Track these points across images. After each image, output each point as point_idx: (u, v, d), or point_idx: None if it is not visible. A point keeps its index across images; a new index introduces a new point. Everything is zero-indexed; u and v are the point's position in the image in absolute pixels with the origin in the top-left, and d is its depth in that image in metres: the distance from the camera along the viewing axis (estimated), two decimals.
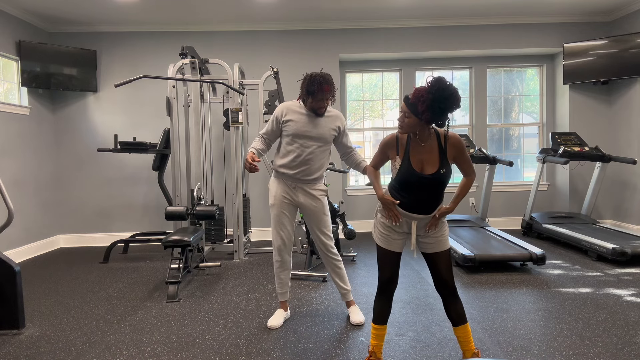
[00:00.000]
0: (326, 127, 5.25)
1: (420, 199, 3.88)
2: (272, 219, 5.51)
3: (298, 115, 5.23)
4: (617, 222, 10.74)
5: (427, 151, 3.86)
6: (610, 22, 10.79)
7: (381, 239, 4.08)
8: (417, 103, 3.66)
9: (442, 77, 3.64)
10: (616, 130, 10.70)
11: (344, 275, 5.64)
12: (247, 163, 5.02)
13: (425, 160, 3.85)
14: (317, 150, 5.25)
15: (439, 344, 4.79)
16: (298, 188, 5.37)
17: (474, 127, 11.42)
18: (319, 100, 5.07)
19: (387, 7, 9.79)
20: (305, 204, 5.40)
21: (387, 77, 11.59)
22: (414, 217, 3.94)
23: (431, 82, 3.63)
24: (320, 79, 5.01)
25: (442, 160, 3.84)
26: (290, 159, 5.27)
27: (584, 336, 4.89)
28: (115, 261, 8.92)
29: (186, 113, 8.79)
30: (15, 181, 9.12)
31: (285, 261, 5.53)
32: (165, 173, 10.09)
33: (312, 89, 5.00)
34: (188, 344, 4.93)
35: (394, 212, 3.93)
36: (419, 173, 3.81)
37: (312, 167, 5.30)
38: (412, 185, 3.84)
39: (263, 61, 10.66)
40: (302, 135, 5.19)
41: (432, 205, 3.91)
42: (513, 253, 7.51)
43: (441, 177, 3.81)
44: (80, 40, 10.47)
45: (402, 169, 3.87)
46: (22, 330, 5.42)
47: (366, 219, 11.37)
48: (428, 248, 4.04)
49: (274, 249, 5.53)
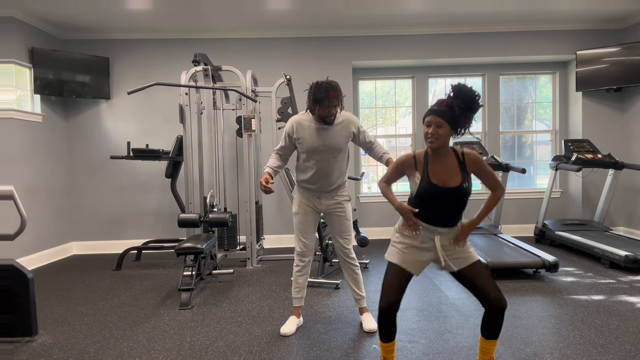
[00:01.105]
0: (339, 136, 5.23)
1: (442, 213, 3.84)
2: (295, 226, 5.54)
3: (309, 131, 5.23)
4: (630, 230, 10.69)
5: (447, 166, 3.85)
6: (623, 29, 10.76)
7: (397, 256, 3.95)
8: (449, 110, 3.70)
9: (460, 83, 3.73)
10: (629, 138, 10.66)
11: (360, 281, 5.65)
12: (261, 185, 5.10)
13: (446, 174, 3.83)
14: (334, 161, 5.27)
15: (451, 352, 4.78)
16: (322, 197, 5.42)
17: (487, 135, 11.40)
18: (327, 108, 5.02)
19: (399, 15, 9.80)
20: (329, 210, 5.45)
21: (400, 84, 11.58)
22: (437, 230, 3.88)
23: (454, 89, 3.73)
24: (327, 85, 4.97)
25: (464, 174, 3.83)
26: (310, 174, 5.31)
27: (597, 344, 4.87)
28: (128, 268, 8.93)
29: (199, 120, 8.80)
30: (29, 188, 9.15)
31: (305, 266, 5.56)
32: (177, 180, 10.13)
33: (319, 97, 4.96)
34: (201, 351, 4.93)
35: (413, 221, 3.87)
36: (441, 187, 3.78)
37: (333, 178, 5.33)
38: (433, 199, 3.81)
39: (276, 68, 10.68)
40: (316, 151, 5.20)
41: (455, 217, 3.87)
42: (526, 260, 7.49)
43: (464, 190, 3.79)
44: (93, 48, 10.51)
45: (422, 184, 3.84)
46: (35, 337, 5.44)
47: (379, 226, 11.35)
48: (458, 263, 3.91)
49: (295, 254, 5.55)
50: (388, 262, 4.03)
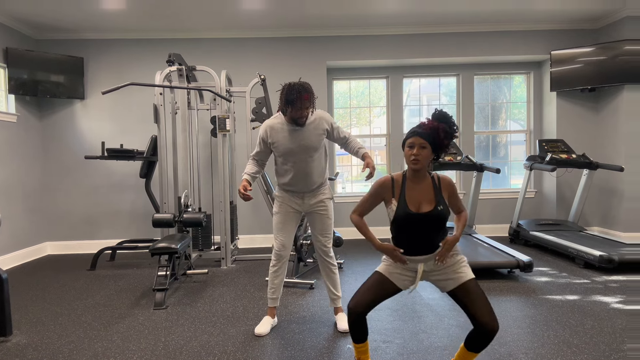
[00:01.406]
0: (313, 136, 5.23)
1: (420, 240, 3.83)
2: (274, 225, 5.53)
3: (282, 133, 5.23)
4: (605, 230, 10.77)
5: (423, 190, 3.87)
6: (597, 29, 10.84)
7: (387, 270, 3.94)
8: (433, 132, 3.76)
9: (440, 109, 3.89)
10: (603, 138, 10.73)
11: (337, 281, 5.67)
12: (240, 193, 5.10)
13: (422, 198, 3.84)
14: (310, 161, 5.26)
15: (426, 352, 4.80)
16: (305, 197, 5.43)
17: (461, 134, 11.44)
18: (299, 110, 5.01)
19: (374, 15, 9.82)
20: (311, 209, 5.46)
21: (375, 85, 11.61)
22: (419, 259, 3.88)
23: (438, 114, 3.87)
24: (299, 87, 4.95)
25: (438, 198, 3.83)
26: (289, 177, 5.32)
27: (571, 343, 4.90)
28: (102, 268, 8.90)
29: (173, 120, 8.77)
30: (3, 188, 9.09)
31: (282, 267, 5.55)
32: (152, 180, 10.10)
33: (290, 98, 4.94)
34: (175, 352, 4.92)
35: (399, 257, 3.85)
36: (416, 213, 3.79)
37: (313, 177, 5.33)
38: (410, 226, 3.81)
39: (250, 68, 10.67)
40: (292, 152, 5.20)
41: (435, 242, 3.85)
42: (500, 260, 7.53)
43: (439, 213, 3.77)
44: (68, 48, 10.46)
45: (398, 211, 3.83)
46: (9, 337, 5.40)
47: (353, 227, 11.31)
48: (449, 285, 3.85)
49: (273, 253, 5.54)
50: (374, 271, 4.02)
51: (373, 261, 8.95)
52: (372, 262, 8.86)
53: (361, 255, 9.49)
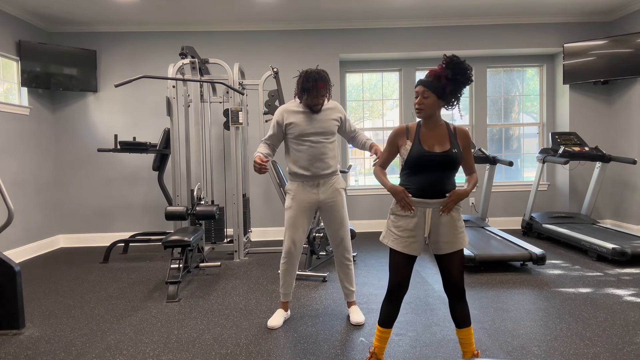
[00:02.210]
0: (327, 120, 5.28)
1: (432, 181, 3.85)
2: (285, 221, 5.47)
3: (298, 116, 5.25)
4: (617, 222, 10.74)
5: (438, 136, 3.88)
6: (610, 22, 10.79)
7: (396, 242, 3.98)
8: (436, 80, 3.77)
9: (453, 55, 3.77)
10: (616, 130, 10.70)
11: (352, 275, 5.65)
12: (255, 164, 5.04)
13: (436, 141, 3.86)
14: (326, 142, 5.29)
15: (439, 344, 4.79)
16: (320, 185, 5.39)
17: (474, 127, 11.42)
18: (314, 97, 5.08)
19: (386, 7, 9.79)
20: (325, 200, 5.41)
21: (387, 77, 11.58)
22: (428, 202, 3.89)
23: (446, 59, 3.77)
24: (316, 75, 5.01)
25: (453, 142, 3.86)
26: (304, 158, 5.29)
27: (584, 336, 4.89)
28: (115, 261, 8.92)
29: (186, 113, 8.78)
30: (16, 181, 9.12)
31: (292, 264, 5.50)
32: (165, 173, 10.10)
33: (307, 86, 5.01)
34: (188, 344, 4.93)
35: (406, 201, 3.88)
36: (431, 152, 3.81)
37: (327, 160, 5.32)
38: (423, 165, 3.83)
39: (263, 61, 10.66)
40: (308, 133, 5.22)
41: (445, 187, 3.89)
42: (513, 253, 7.51)
43: (453, 155, 3.80)
44: (80, 40, 10.47)
45: (412, 150, 3.86)
46: (22, 330, 5.42)
47: (366, 219, 11.37)
48: (443, 249, 3.96)
49: (283, 250, 5.49)
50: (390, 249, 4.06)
51: (386, 254, 8.93)
52: (386, 255, 8.85)
53: (374, 248, 9.47)
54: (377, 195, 11.29)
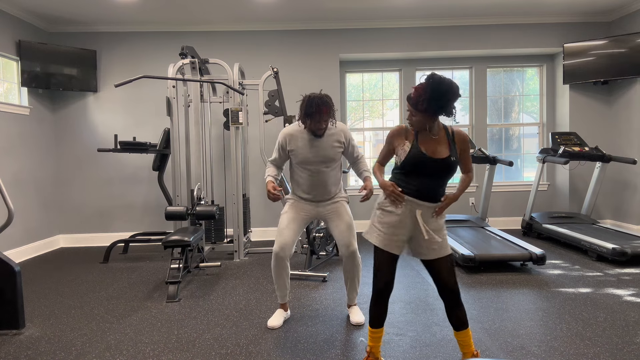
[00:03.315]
0: (330, 147, 5.25)
1: (426, 185, 3.88)
2: (279, 224, 5.46)
3: (301, 142, 5.25)
4: (617, 222, 10.74)
5: (437, 142, 3.89)
6: (610, 22, 10.80)
7: (380, 239, 4.01)
8: (417, 102, 3.72)
9: (434, 73, 3.74)
10: (616, 130, 10.70)
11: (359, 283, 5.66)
12: (269, 194, 5.08)
13: (435, 146, 3.87)
14: (327, 170, 5.29)
15: (439, 344, 4.80)
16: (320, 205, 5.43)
17: (474, 127, 11.42)
18: (317, 122, 5.05)
19: (387, 7, 9.80)
20: (326, 213, 5.44)
21: (387, 77, 11.59)
22: (418, 203, 3.93)
23: (426, 80, 3.74)
24: (318, 100, 4.98)
25: (452, 149, 3.88)
26: (305, 185, 5.35)
27: (584, 336, 4.89)
28: (115, 261, 8.93)
29: (186, 113, 8.79)
30: (16, 181, 9.13)
31: (281, 267, 5.44)
32: (165, 173, 10.09)
33: (309, 111, 4.99)
34: (188, 344, 4.94)
35: (396, 193, 3.91)
36: (429, 156, 3.82)
37: (328, 187, 5.35)
38: (420, 169, 3.85)
39: (263, 61, 10.67)
40: (309, 161, 5.22)
41: (437, 192, 3.93)
42: (513, 253, 7.52)
43: (451, 163, 3.83)
44: (80, 40, 10.48)
45: (411, 153, 3.87)
46: (22, 330, 5.42)
47: (366, 219, 11.36)
48: (429, 254, 3.99)
49: (272, 254, 5.45)
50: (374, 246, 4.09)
51: None
52: None
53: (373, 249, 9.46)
54: (377, 196, 11.26)
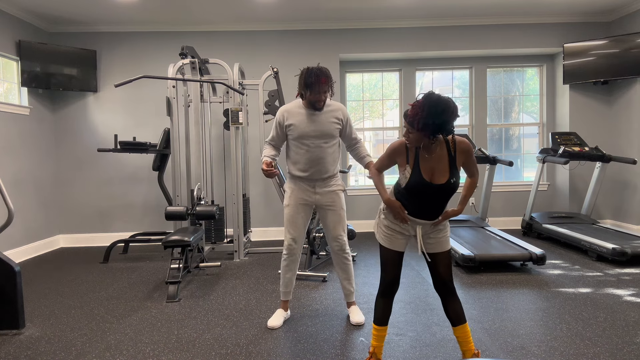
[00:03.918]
0: (329, 122, 5.26)
1: (428, 207, 3.90)
2: (285, 219, 5.51)
3: (299, 117, 5.25)
4: (617, 222, 10.74)
5: (437, 160, 3.85)
6: (610, 22, 10.79)
7: (385, 239, 4.07)
8: (413, 121, 3.66)
9: (431, 92, 3.66)
10: (616, 130, 10.70)
11: (352, 275, 5.66)
12: (264, 171, 5.10)
13: (436, 169, 3.84)
14: (326, 147, 5.27)
15: (439, 344, 4.80)
16: (317, 187, 5.41)
17: (474, 127, 11.42)
18: (317, 93, 5.06)
19: (387, 7, 9.79)
20: (322, 201, 5.43)
21: (387, 77, 11.59)
22: (420, 222, 3.96)
23: (423, 98, 3.65)
24: (317, 71, 5.02)
25: (452, 170, 3.84)
26: (302, 161, 5.31)
27: (584, 336, 4.89)
28: (115, 261, 8.93)
29: (186, 113, 8.79)
30: (16, 181, 9.13)
31: (294, 260, 5.54)
32: (165, 173, 10.09)
33: (309, 81, 5.02)
34: (188, 344, 4.94)
35: (402, 215, 3.92)
36: (430, 183, 3.81)
37: (326, 164, 5.33)
38: (421, 194, 3.85)
39: (263, 61, 10.67)
40: (307, 135, 5.22)
41: (438, 211, 3.95)
42: (513, 253, 7.52)
43: (451, 186, 3.83)
44: (80, 40, 10.47)
45: (412, 179, 3.86)
46: (22, 330, 5.42)
47: (366, 219, 11.37)
48: (429, 248, 4.04)
49: (284, 247, 5.52)
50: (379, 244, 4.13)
51: None
52: None
53: (374, 248, 9.48)
54: (377, 196, 11.28)
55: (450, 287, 4.02)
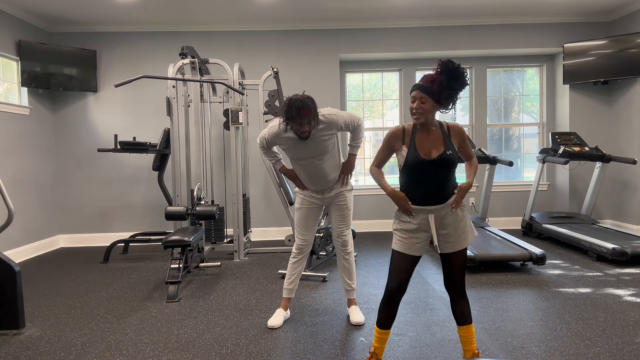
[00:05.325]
0: (319, 144, 5.13)
1: (432, 188, 3.87)
2: (296, 221, 5.58)
3: (288, 142, 5.18)
4: (617, 222, 10.74)
5: (433, 139, 3.89)
6: (610, 22, 10.79)
7: (398, 243, 4.01)
8: (431, 86, 3.73)
9: (448, 60, 3.75)
10: (616, 130, 10.70)
11: (353, 272, 5.69)
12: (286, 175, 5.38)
13: (432, 146, 3.86)
14: (322, 162, 5.24)
15: (439, 344, 4.80)
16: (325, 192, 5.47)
17: (474, 127, 11.42)
18: (299, 125, 4.86)
19: (387, 7, 9.79)
20: (331, 200, 5.50)
21: (387, 77, 11.59)
22: (429, 209, 3.91)
23: (441, 64, 3.73)
24: (299, 103, 4.77)
25: (447, 144, 3.87)
26: (304, 176, 5.39)
27: (584, 336, 4.89)
28: (115, 261, 8.92)
29: (186, 113, 8.79)
30: (16, 181, 9.13)
31: (302, 259, 5.61)
32: (165, 173, 10.08)
33: (290, 115, 4.82)
34: (188, 344, 4.94)
35: (407, 207, 3.91)
36: (426, 158, 3.82)
37: (327, 176, 5.34)
38: (420, 172, 3.85)
39: (263, 61, 10.67)
40: (302, 157, 5.20)
41: (445, 191, 3.90)
42: (513, 253, 7.52)
43: (447, 157, 3.81)
44: (80, 40, 10.47)
45: (408, 157, 3.86)
46: (22, 330, 5.42)
47: (367, 219, 11.37)
48: (447, 247, 3.99)
49: (295, 247, 5.59)
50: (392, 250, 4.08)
51: (387, 254, 8.94)
52: (386, 255, 8.85)
53: (374, 248, 9.48)
54: (377, 196, 11.29)
55: (461, 287, 4.02)
